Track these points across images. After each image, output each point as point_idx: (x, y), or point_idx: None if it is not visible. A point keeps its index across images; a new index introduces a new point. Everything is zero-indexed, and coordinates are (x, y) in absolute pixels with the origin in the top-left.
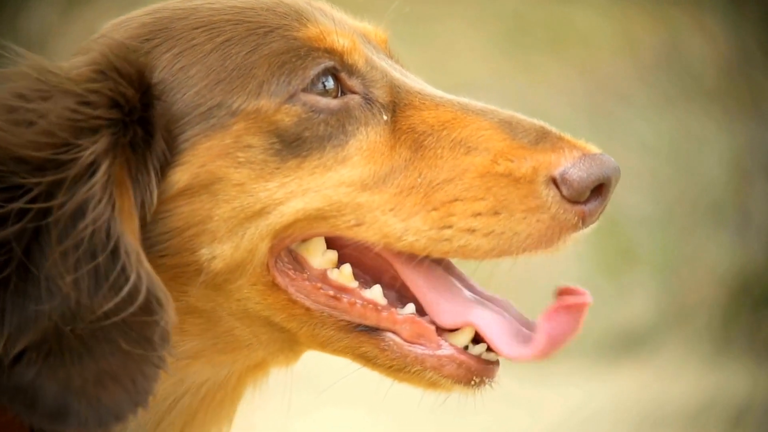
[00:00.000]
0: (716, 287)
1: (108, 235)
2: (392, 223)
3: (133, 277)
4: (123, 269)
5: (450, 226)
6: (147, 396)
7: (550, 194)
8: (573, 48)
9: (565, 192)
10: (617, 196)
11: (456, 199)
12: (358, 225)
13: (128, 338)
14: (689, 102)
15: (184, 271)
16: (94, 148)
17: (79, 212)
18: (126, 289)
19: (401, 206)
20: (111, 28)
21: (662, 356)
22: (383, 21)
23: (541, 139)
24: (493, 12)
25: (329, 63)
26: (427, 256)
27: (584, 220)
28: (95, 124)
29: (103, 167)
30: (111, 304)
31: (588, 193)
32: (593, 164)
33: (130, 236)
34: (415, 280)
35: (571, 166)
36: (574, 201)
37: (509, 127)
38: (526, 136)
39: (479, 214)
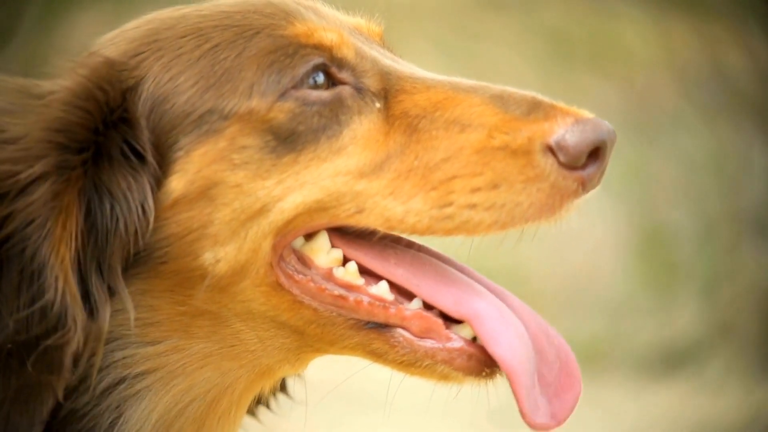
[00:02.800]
0: (760, 303)
1: (34, 255)
2: (392, 206)
3: (48, 295)
4: (41, 287)
5: (450, 204)
6: (40, 419)
7: (547, 162)
8: (615, 64)
9: (562, 159)
10: (660, 211)
11: (454, 177)
12: (358, 212)
13: (37, 359)
14: (732, 117)
15: (188, 276)
16: (30, 171)
17: (12, 231)
18: (38, 305)
19: (400, 189)
20: (103, 44)
21: (706, 372)
22: (377, 14)
23: (534, 109)
24: (535, 29)
25: (318, 60)
26: (422, 249)
27: (584, 186)
28: (40, 149)
29: (41, 189)
30: (24, 318)
31: (585, 158)
32: (587, 128)
33: (59, 257)
34: (411, 279)
35: (565, 132)
36: (571, 167)
37: (501, 101)
38: (519, 107)
39: (479, 189)
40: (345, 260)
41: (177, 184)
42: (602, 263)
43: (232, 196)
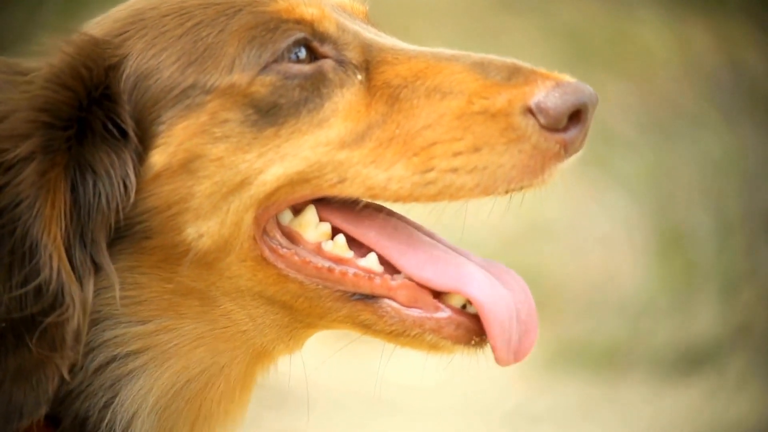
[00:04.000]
0: None
1: (26, 234)
2: (375, 174)
3: (44, 274)
4: (36, 266)
5: (432, 169)
6: (46, 398)
7: (528, 124)
8: (634, 65)
9: (542, 121)
10: (679, 211)
11: (435, 143)
12: (341, 182)
13: (38, 337)
14: (751, 117)
15: (172, 252)
16: (17, 151)
17: (3, 210)
18: (33, 284)
19: (382, 157)
20: (90, 25)
21: (725, 372)
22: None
23: (514, 74)
24: (553, 30)
25: (300, 35)
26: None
27: (566, 149)
28: (26, 128)
29: (28, 169)
30: (19, 297)
31: (565, 120)
32: (567, 91)
33: (51, 235)
34: (402, 258)
35: (545, 95)
36: (553, 129)
37: (481, 67)
38: (499, 73)
39: (460, 153)
40: (334, 234)
41: (159, 157)
42: (621, 263)
43: (213, 169)
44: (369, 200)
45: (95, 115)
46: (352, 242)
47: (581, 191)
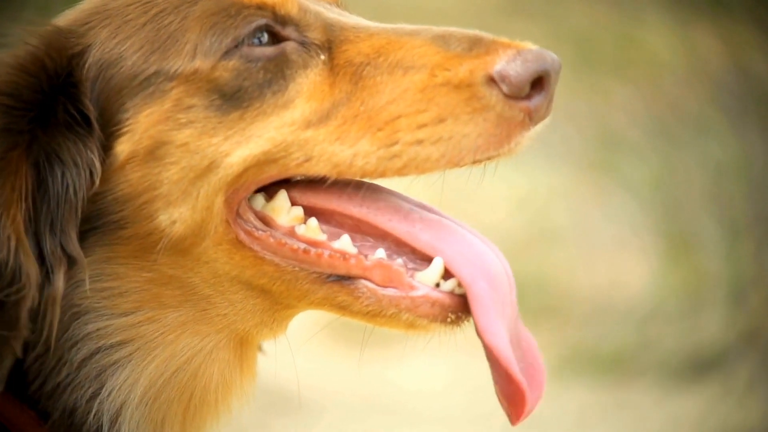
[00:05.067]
0: None
1: None
2: (340, 151)
3: (0, 254)
4: None
5: (397, 142)
6: (1, 375)
7: (492, 93)
8: (640, 69)
9: (505, 89)
10: (687, 216)
11: (399, 116)
12: (307, 161)
13: None
14: (758, 122)
15: (148, 240)
16: None
17: None
18: None
19: (347, 134)
20: (60, 17)
21: (733, 378)
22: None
23: (475, 45)
24: (560, 35)
25: (261, 21)
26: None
27: (531, 116)
28: None
29: None
30: None
31: (528, 88)
32: (528, 58)
33: (9, 216)
34: (380, 217)
35: (506, 63)
36: (516, 97)
37: (442, 40)
38: (460, 45)
39: (424, 125)
40: (307, 217)
41: (125, 145)
42: (628, 269)
43: (179, 155)
44: (337, 178)
45: (58, 102)
46: (325, 226)
47: (588, 196)
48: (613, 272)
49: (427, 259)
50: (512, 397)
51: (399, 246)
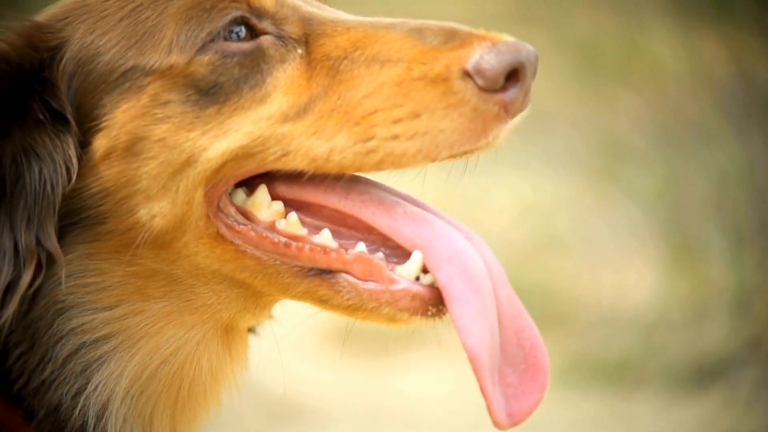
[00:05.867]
0: None
1: None
2: (317, 145)
3: None
4: None
5: (373, 137)
6: None
7: (467, 87)
8: (645, 77)
9: (480, 82)
10: (691, 224)
11: (376, 111)
12: (284, 155)
13: None
14: (763, 130)
15: (129, 235)
16: None
17: None
18: None
19: (323, 128)
20: (41, 13)
21: (738, 387)
22: None
23: (451, 38)
24: (565, 42)
25: (236, 13)
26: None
27: (507, 109)
28: None
29: None
30: None
31: (502, 80)
32: (502, 50)
33: None
34: (362, 209)
35: (481, 56)
36: (491, 90)
37: (418, 33)
38: (436, 38)
39: (400, 119)
40: (288, 211)
41: (102, 141)
42: (632, 277)
43: (157, 150)
44: (314, 172)
45: (34, 96)
46: (306, 220)
47: (592, 205)
48: (617, 280)
49: (408, 254)
50: (488, 404)
51: (383, 239)
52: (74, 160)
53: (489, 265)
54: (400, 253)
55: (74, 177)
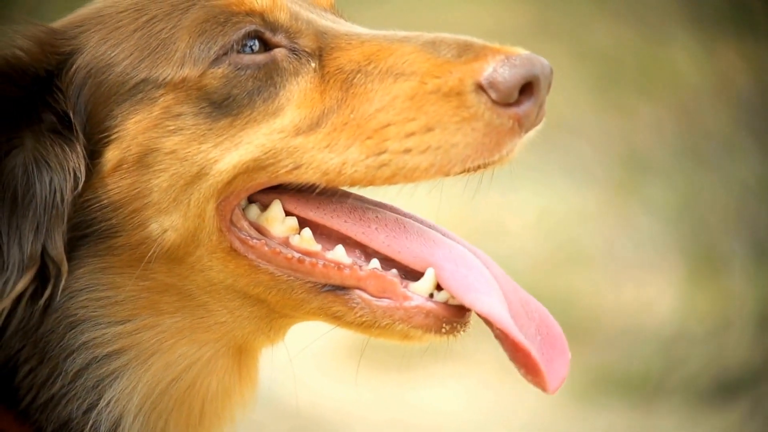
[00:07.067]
0: None
1: None
2: (329, 159)
3: None
4: None
5: (385, 151)
6: None
7: (480, 101)
8: (666, 89)
9: (493, 96)
10: (712, 237)
11: (388, 124)
12: (296, 168)
13: None
14: None
15: (141, 249)
16: None
17: None
18: None
19: (336, 142)
20: (58, 21)
21: (760, 400)
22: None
23: (465, 51)
24: (586, 55)
25: (250, 27)
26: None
27: (521, 123)
28: None
29: None
30: None
31: (516, 94)
32: (516, 64)
33: None
34: (370, 236)
35: (494, 69)
36: (504, 104)
37: (433, 46)
38: (450, 51)
39: (413, 133)
40: (302, 227)
41: (113, 152)
42: (654, 290)
43: (168, 162)
44: (326, 185)
45: (47, 102)
46: (320, 236)
47: (613, 218)
48: (638, 294)
49: (416, 274)
50: (525, 364)
51: (388, 260)
52: (82, 168)
53: (475, 252)
54: (413, 270)
55: (81, 185)
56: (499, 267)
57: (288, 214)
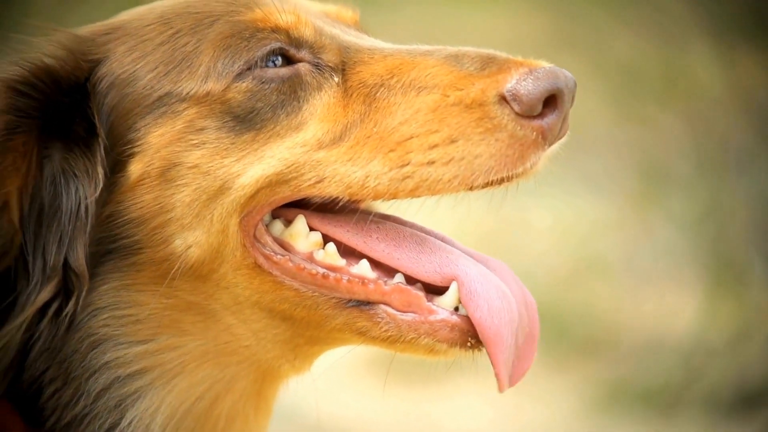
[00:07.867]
0: None
1: None
2: (352, 172)
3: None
4: None
5: (408, 163)
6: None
7: (503, 113)
8: (687, 100)
9: (517, 108)
10: (732, 249)
11: (411, 137)
12: (319, 181)
13: None
14: None
15: (165, 266)
16: None
17: None
18: None
19: (359, 155)
20: (83, 29)
21: None
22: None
23: (488, 64)
24: (606, 65)
25: (275, 44)
26: (398, 221)
27: (544, 136)
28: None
29: None
30: None
31: (540, 106)
32: (540, 77)
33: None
34: (387, 253)
35: (518, 81)
36: (528, 116)
37: (455, 60)
38: (473, 64)
39: (436, 145)
40: (326, 242)
41: (136, 166)
42: (674, 302)
43: (191, 177)
44: (349, 199)
45: (76, 111)
46: (344, 250)
47: (633, 229)
48: (658, 305)
49: (438, 288)
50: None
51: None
52: (101, 177)
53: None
54: (434, 285)
55: (100, 194)
56: (511, 271)
57: (311, 229)
